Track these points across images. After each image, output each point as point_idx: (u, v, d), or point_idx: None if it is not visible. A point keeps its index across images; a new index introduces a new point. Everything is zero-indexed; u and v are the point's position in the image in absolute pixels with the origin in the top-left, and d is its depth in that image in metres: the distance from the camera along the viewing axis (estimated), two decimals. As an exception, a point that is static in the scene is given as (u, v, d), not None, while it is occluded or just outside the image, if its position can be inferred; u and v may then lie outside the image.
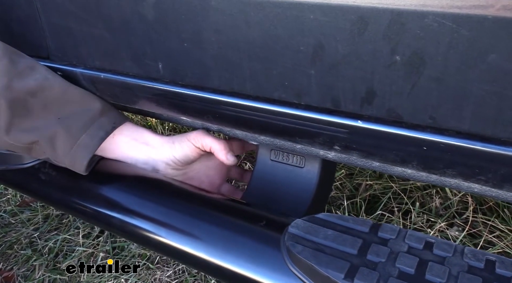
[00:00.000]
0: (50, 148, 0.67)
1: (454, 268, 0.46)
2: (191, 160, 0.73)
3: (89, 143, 0.67)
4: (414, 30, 0.40)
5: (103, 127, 0.68)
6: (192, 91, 0.60)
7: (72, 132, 0.66)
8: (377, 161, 0.53)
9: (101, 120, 0.69)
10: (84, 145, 0.66)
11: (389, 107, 0.46)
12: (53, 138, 0.66)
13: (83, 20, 0.66)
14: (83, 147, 0.66)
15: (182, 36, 0.56)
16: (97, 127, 0.68)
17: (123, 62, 0.65)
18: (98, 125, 0.68)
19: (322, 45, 0.46)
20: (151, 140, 0.73)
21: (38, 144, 0.68)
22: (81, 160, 0.67)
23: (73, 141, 0.66)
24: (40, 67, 0.71)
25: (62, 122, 0.67)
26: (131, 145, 0.72)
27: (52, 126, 0.66)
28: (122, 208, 0.63)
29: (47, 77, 0.70)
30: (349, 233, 0.51)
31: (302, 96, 0.51)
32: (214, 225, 0.57)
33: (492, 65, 0.38)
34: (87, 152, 0.66)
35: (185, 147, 0.71)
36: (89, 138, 0.67)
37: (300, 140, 0.56)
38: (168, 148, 0.72)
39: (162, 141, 0.73)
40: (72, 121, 0.67)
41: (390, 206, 1.12)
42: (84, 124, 0.67)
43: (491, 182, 0.45)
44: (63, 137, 0.66)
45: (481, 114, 0.41)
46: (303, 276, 0.49)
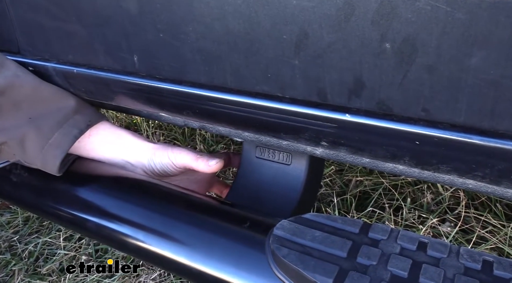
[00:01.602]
0: (20, 149, 0.63)
1: (450, 270, 0.43)
2: (170, 175, 0.70)
3: (61, 142, 0.62)
4: (405, 15, 0.37)
5: (77, 125, 0.64)
6: (170, 85, 0.56)
7: (43, 131, 0.62)
8: (367, 157, 0.50)
9: (75, 118, 0.65)
10: (56, 145, 0.62)
11: (379, 99, 0.43)
12: (23, 138, 0.62)
13: (54, 12, 0.61)
14: (55, 146, 0.62)
15: (158, 27, 0.52)
16: (71, 125, 0.64)
17: (97, 55, 0.61)
18: (72, 123, 0.64)
19: (306, 33, 0.42)
20: (131, 144, 0.69)
21: (7, 145, 0.64)
22: (54, 160, 0.63)
23: (45, 140, 0.62)
24: (10, 63, 0.66)
25: (33, 121, 0.62)
26: (109, 147, 0.68)
27: (22, 126, 0.62)
28: (97, 211, 0.60)
29: (17, 74, 0.65)
30: (338, 234, 0.48)
31: (286, 89, 0.47)
32: (195, 227, 0.54)
33: (490, 52, 0.35)
34: (59, 152, 0.62)
35: (164, 162, 0.67)
36: (62, 137, 0.63)
37: (285, 136, 0.53)
38: (148, 157, 0.68)
39: (143, 148, 0.69)
40: (44, 120, 0.63)
41: (381, 203, 1.09)
42: (57, 123, 0.63)
43: (488, 178, 0.42)
44: (33, 136, 0.62)
45: (477, 106, 0.38)
46: (289, 281, 0.45)
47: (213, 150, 1.38)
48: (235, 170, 0.79)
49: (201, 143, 1.40)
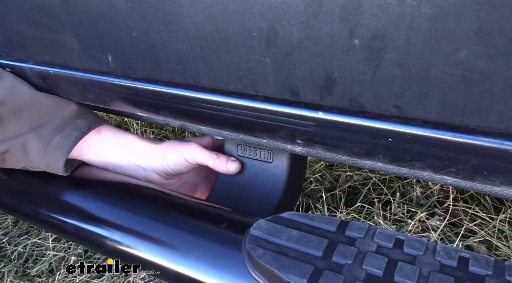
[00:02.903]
0: (23, 154, 0.63)
1: (425, 268, 0.43)
2: (184, 172, 0.69)
3: (63, 144, 0.63)
4: (372, 10, 0.36)
5: (78, 128, 0.64)
6: (145, 85, 0.55)
7: (44, 135, 0.63)
8: (343, 155, 0.49)
9: (76, 122, 0.65)
10: (58, 147, 0.63)
11: (351, 96, 0.42)
12: (25, 144, 0.63)
13: (27, 11, 0.60)
14: (56, 148, 0.63)
15: (129, 25, 0.51)
16: (72, 128, 0.64)
17: (71, 55, 0.60)
18: (73, 126, 0.64)
19: (275, 29, 0.42)
20: (139, 147, 0.68)
21: (9, 153, 0.64)
22: (57, 161, 0.63)
23: (47, 143, 0.62)
24: (7, 75, 0.67)
25: (34, 128, 0.63)
26: (117, 152, 0.68)
27: (23, 133, 0.63)
28: (75, 212, 0.59)
29: (15, 85, 0.66)
30: (315, 233, 0.48)
31: (258, 87, 0.47)
32: (173, 228, 0.53)
33: (457, 46, 0.34)
34: (61, 153, 0.62)
35: (178, 162, 0.67)
36: (63, 139, 0.63)
37: (262, 134, 0.52)
38: (160, 160, 0.67)
39: (153, 149, 0.68)
40: (45, 126, 0.63)
41: (371, 197, 1.09)
42: (58, 127, 0.64)
43: (461, 174, 0.42)
44: (35, 141, 0.62)
45: (448, 101, 0.37)
46: (264, 282, 0.45)
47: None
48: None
49: (191, 140, 1.40)
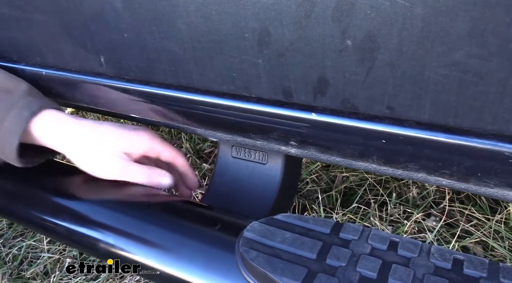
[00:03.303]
0: None
1: (420, 270, 0.42)
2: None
3: (13, 127, 0.58)
4: (364, 10, 0.36)
5: (28, 107, 0.59)
6: (138, 86, 0.55)
7: None
8: (337, 156, 0.49)
9: (27, 100, 0.60)
10: (9, 130, 0.58)
11: (344, 97, 0.42)
12: None
13: (19, 12, 0.60)
14: (8, 132, 0.58)
15: (122, 26, 0.51)
16: (22, 108, 0.59)
17: (64, 57, 0.60)
18: (23, 105, 0.59)
19: (268, 30, 0.41)
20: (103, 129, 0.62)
21: None
22: (9, 146, 0.58)
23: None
24: None
25: None
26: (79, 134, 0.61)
27: None
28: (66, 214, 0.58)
29: None
30: (309, 235, 0.47)
31: (251, 88, 0.46)
32: (165, 230, 0.53)
33: (450, 47, 0.34)
34: (13, 136, 0.58)
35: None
36: (14, 120, 0.58)
37: (255, 136, 0.52)
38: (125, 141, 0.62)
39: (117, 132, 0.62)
40: None
41: (367, 198, 1.08)
42: (8, 107, 0.59)
43: (455, 176, 0.41)
44: None
45: (441, 103, 0.37)
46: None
47: (199, 149, 1.37)
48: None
49: (187, 141, 1.39)
